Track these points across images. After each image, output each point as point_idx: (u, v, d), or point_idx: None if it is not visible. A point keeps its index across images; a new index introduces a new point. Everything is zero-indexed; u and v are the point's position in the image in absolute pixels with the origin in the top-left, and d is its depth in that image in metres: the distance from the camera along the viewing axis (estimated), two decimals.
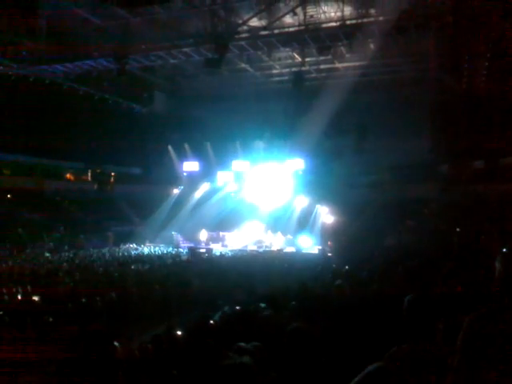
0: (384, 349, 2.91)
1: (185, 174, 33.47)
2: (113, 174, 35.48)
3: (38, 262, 17.97)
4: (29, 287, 11.70)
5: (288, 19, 19.89)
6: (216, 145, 32.83)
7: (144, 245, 27.70)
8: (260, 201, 30.73)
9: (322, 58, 23.39)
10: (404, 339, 2.84)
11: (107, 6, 18.53)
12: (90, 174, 34.69)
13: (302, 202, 29.65)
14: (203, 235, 29.17)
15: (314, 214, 28.93)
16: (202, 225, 29.78)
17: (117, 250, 24.76)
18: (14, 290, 11.43)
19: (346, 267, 15.09)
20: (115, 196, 33.26)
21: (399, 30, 18.11)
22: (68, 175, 34.23)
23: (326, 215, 28.31)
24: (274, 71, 26.85)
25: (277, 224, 28.74)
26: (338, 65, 25.10)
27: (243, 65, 25.09)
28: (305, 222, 28.73)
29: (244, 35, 20.38)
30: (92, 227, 28.25)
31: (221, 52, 19.06)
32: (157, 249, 25.68)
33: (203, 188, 32.38)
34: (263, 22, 20.10)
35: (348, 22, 19.16)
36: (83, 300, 10.08)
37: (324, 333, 5.62)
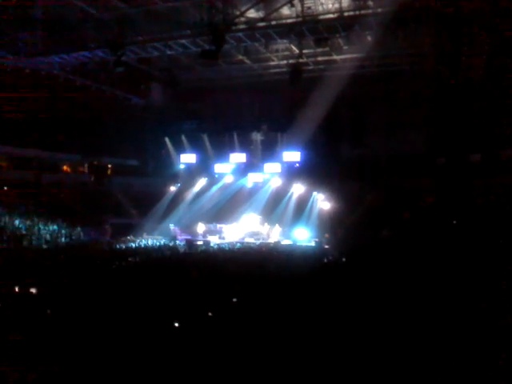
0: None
1: (182, 166, 33.45)
2: (110, 165, 35.37)
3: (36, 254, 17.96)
4: (26, 279, 11.70)
5: (285, 11, 19.77)
6: (213, 137, 32.79)
7: (142, 237, 27.73)
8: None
9: (319, 49, 23.31)
10: None
11: None
12: (86, 166, 34.58)
13: (298, 190, 29.76)
14: (200, 228, 29.24)
15: (310, 203, 29.02)
16: (199, 217, 29.86)
17: (114, 242, 24.80)
18: (11, 282, 11.43)
19: (343, 259, 15.25)
20: (112, 188, 33.21)
21: (397, 23, 18.07)
22: (65, 167, 34.12)
23: (323, 203, 28.42)
24: (272, 63, 26.74)
25: (274, 215, 28.83)
26: (335, 57, 25.03)
27: (240, 56, 24.96)
28: (301, 211, 28.80)
29: (241, 26, 20.27)
30: (89, 219, 28.23)
31: (218, 43, 18.94)
32: (154, 241, 25.72)
33: (200, 183, 32.41)
34: (260, 14, 19.99)
35: (346, 14, 19.09)
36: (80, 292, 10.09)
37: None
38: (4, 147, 28.35)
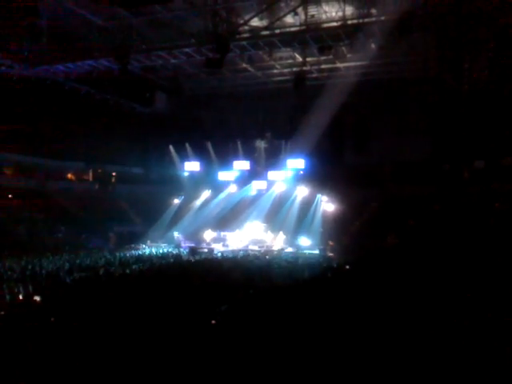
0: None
1: (186, 173, 33.52)
2: (114, 173, 35.50)
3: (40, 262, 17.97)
4: (30, 287, 11.72)
5: (289, 19, 19.87)
6: (217, 144, 32.89)
7: (146, 245, 27.74)
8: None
9: (323, 57, 23.35)
10: None
11: (108, 5, 18.55)
12: (91, 174, 34.72)
13: (301, 194, 29.73)
14: (208, 235, 29.16)
15: (314, 206, 28.98)
16: (204, 225, 29.86)
17: (118, 249, 24.80)
18: (16, 289, 11.46)
19: (347, 267, 15.18)
20: (116, 196, 33.30)
21: (400, 30, 18.09)
22: (69, 175, 34.27)
23: (326, 205, 28.38)
24: (275, 71, 26.82)
25: (277, 222, 28.74)
26: (339, 65, 25.07)
27: (244, 65, 25.08)
28: (305, 217, 28.73)
29: (245, 35, 20.36)
30: (93, 227, 28.28)
31: (222, 52, 19.03)
32: (158, 249, 25.70)
33: (205, 194, 32.43)
34: (264, 22, 20.09)
35: (349, 22, 19.14)
36: (84, 300, 10.08)
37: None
38: (9, 155, 28.50)
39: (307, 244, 26.81)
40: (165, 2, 18.62)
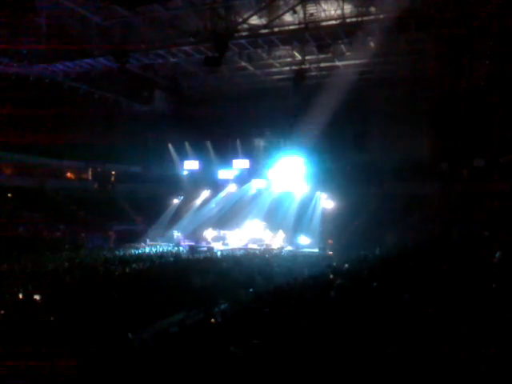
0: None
1: (185, 172, 33.51)
2: (113, 172, 35.48)
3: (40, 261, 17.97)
4: (30, 286, 11.72)
5: (288, 17, 19.87)
6: (216, 143, 32.88)
7: (145, 244, 27.74)
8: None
9: (322, 56, 23.38)
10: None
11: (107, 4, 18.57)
12: (90, 173, 34.69)
13: (301, 192, 29.74)
14: (208, 234, 29.17)
15: (313, 205, 28.97)
16: (203, 224, 29.88)
17: (118, 248, 24.81)
18: (16, 288, 11.46)
19: (346, 265, 15.15)
20: (116, 195, 33.29)
21: (399, 28, 18.10)
22: (68, 174, 34.23)
23: (326, 202, 28.39)
24: (274, 69, 26.83)
25: (276, 220, 28.72)
26: (338, 63, 25.08)
27: (243, 63, 25.06)
28: (304, 215, 28.71)
29: (244, 33, 20.36)
30: (93, 226, 28.26)
31: (221, 50, 19.03)
32: (158, 247, 25.71)
33: (204, 194, 32.44)
34: (263, 21, 20.07)
35: (348, 20, 19.15)
36: (84, 299, 10.09)
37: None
38: (8, 154, 28.45)
39: (307, 242, 26.83)
40: (165, 1, 18.64)
